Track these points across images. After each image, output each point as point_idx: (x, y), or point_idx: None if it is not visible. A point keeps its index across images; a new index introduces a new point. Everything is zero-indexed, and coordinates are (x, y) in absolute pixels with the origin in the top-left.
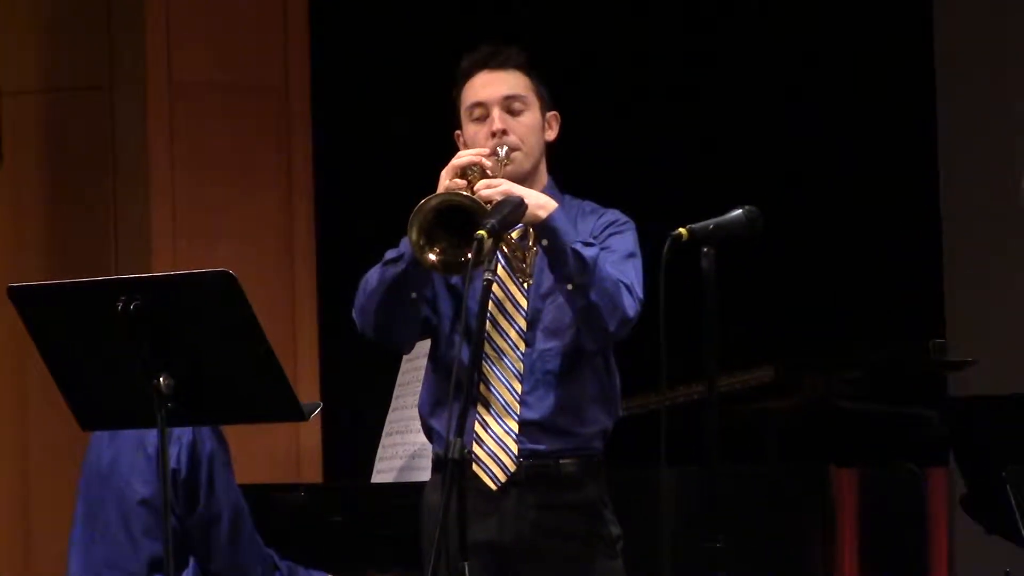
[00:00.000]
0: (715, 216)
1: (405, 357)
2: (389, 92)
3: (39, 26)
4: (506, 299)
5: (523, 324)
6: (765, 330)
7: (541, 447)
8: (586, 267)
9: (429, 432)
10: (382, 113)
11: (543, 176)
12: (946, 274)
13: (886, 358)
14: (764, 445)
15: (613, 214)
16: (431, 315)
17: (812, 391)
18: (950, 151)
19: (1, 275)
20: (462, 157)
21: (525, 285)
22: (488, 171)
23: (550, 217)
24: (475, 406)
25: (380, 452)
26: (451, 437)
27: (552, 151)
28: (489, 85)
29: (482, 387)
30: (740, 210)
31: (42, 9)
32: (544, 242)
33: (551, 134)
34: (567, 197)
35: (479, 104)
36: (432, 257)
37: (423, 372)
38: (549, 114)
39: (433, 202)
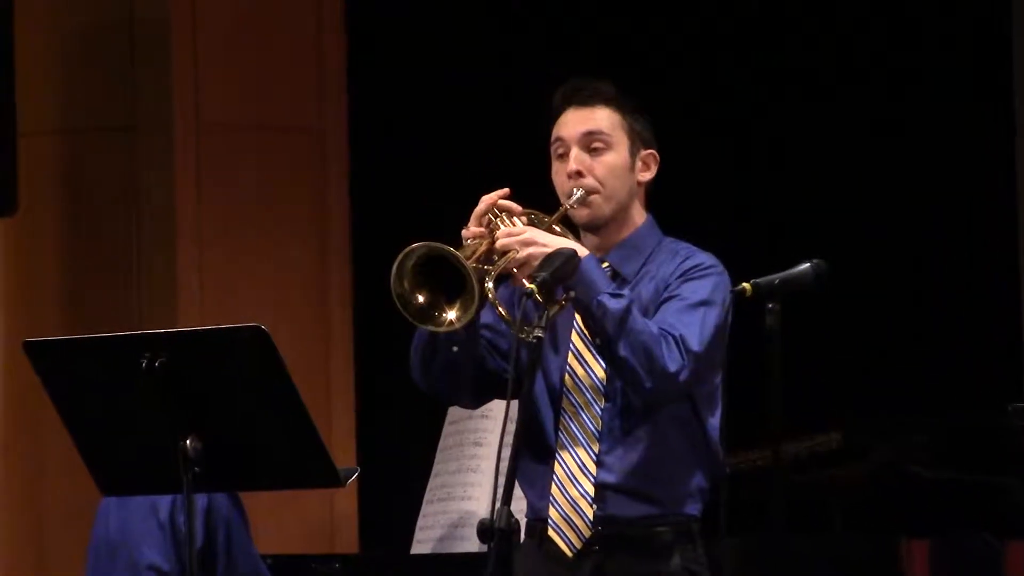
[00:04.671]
0: (781, 270)
1: (447, 420)
2: (430, 133)
3: (59, 63)
4: (586, 349)
5: (602, 376)
6: (832, 392)
7: (622, 513)
8: (610, 320)
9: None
10: (421, 156)
11: (636, 217)
12: None
13: (961, 422)
14: (831, 514)
15: (697, 258)
16: (503, 370)
17: (882, 457)
18: None
19: (16, 328)
20: (481, 203)
21: (530, 337)
22: (508, 217)
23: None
24: (552, 466)
25: (420, 521)
26: (497, 504)
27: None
28: (571, 122)
29: (559, 446)
30: (807, 263)
31: (62, 45)
32: (571, 293)
33: (646, 174)
34: (667, 240)
35: (559, 140)
36: (420, 299)
37: (466, 435)
38: (644, 152)
39: (417, 251)
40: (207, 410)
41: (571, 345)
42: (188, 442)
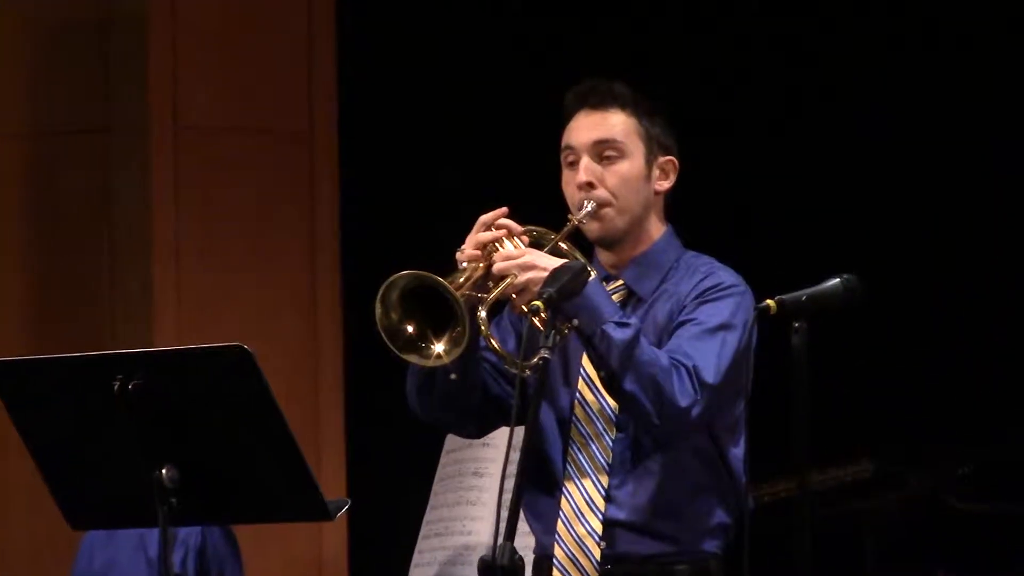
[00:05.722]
0: (808, 286)
1: (445, 449)
2: (426, 139)
3: (25, 62)
4: (599, 376)
5: (615, 404)
6: (863, 417)
7: (633, 551)
8: (615, 351)
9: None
10: (417, 163)
11: (654, 230)
12: None
13: (1002, 450)
14: (862, 550)
15: (718, 276)
16: (509, 395)
17: (916, 488)
18: None
19: None
20: (478, 223)
21: (536, 360)
22: (508, 238)
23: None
24: (559, 500)
25: (416, 557)
26: (500, 540)
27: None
28: (582, 128)
29: (566, 478)
30: (837, 279)
31: (29, 42)
32: (575, 321)
33: (663, 183)
34: (687, 254)
35: (569, 148)
36: (408, 330)
37: (465, 465)
38: (662, 160)
39: (400, 282)
40: (185, 437)
41: (582, 370)
42: (164, 471)
